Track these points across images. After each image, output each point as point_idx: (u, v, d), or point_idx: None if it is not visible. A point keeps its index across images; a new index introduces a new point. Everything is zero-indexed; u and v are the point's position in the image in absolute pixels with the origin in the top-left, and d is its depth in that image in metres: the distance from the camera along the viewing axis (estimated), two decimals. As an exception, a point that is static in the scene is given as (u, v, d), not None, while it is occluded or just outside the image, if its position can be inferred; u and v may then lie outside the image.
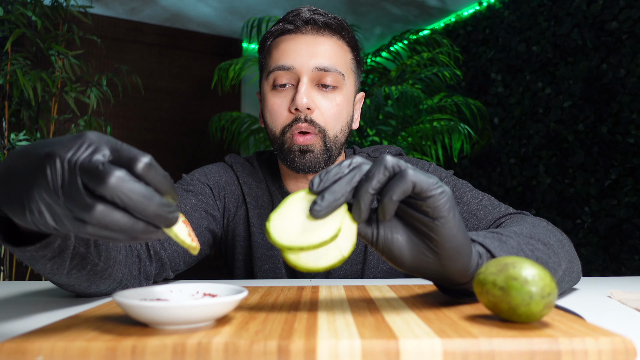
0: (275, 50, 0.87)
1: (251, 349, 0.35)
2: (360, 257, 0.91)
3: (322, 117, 0.84)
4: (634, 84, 2.42)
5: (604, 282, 0.83)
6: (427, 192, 0.42)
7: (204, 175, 0.94)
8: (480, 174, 3.26)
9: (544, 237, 0.61)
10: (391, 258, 0.46)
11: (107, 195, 0.35)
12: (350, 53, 0.89)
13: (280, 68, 0.84)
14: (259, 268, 0.91)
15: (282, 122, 0.84)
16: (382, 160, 0.43)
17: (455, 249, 0.44)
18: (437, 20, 3.57)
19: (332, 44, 0.85)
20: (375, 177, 0.42)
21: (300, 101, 0.81)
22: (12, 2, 2.04)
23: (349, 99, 0.88)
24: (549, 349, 0.35)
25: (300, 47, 0.84)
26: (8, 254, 2.07)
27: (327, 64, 0.83)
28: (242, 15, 3.47)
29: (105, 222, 0.36)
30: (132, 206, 0.36)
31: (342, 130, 0.87)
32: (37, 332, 0.39)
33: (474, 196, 0.85)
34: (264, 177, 0.95)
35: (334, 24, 0.86)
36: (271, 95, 0.86)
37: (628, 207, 2.45)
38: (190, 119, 3.74)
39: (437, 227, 0.43)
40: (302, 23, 0.85)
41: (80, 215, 0.36)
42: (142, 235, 0.37)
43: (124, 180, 0.35)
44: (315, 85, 0.84)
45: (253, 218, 0.92)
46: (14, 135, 1.97)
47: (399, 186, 0.42)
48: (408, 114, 2.42)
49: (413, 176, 0.42)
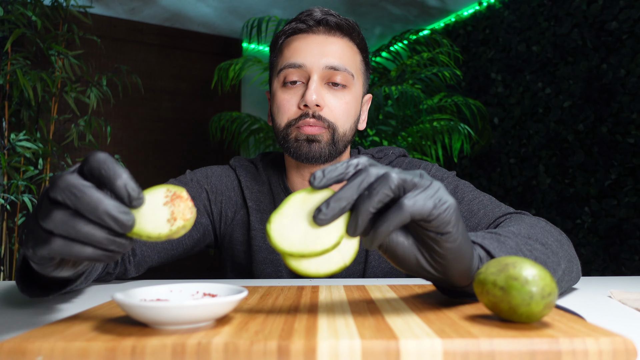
0: (286, 48, 0.88)
1: (251, 349, 0.35)
2: (362, 257, 0.91)
3: (331, 114, 0.85)
4: (634, 84, 2.42)
5: (604, 282, 0.83)
6: (427, 218, 0.41)
7: (205, 177, 0.95)
8: (480, 174, 3.26)
9: (542, 237, 0.61)
10: (394, 260, 0.45)
11: (59, 198, 0.37)
12: (360, 55, 0.91)
13: (291, 66, 0.85)
14: (260, 272, 0.92)
15: (289, 116, 0.85)
16: (388, 179, 0.40)
17: (458, 258, 0.44)
18: (437, 20, 3.57)
19: (343, 44, 0.87)
20: (378, 195, 0.40)
21: (309, 97, 0.82)
22: (12, 2, 2.04)
23: (357, 99, 0.89)
24: (550, 349, 0.35)
25: (311, 46, 0.85)
26: (8, 254, 2.07)
27: (337, 63, 0.84)
28: (242, 15, 3.47)
29: (65, 228, 0.38)
30: (81, 207, 0.37)
31: (350, 128, 0.88)
32: (37, 332, 0.39)
33: (475, 196, 0.86)
34: (268, 179, 0.96)
35: (345, 26, 0.87)
36: (281, 91, 0.87)
37: (628, 207, 2.45)
38: (190, 119, 3.74)
39: (441, 241, 0.42)
40: (314, 23, 0.86)
41: (43, 225, 0.38)
42: (107, 244, 0.38)
43: (71, 179, 0.38)
44: (325, 84, 0.85)
45: (255, 222, 0.92)
46: (14, 135, 1.97)
47: (396, 218, 0.40)
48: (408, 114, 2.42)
49: (411, 207, 0.40)
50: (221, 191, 0.95)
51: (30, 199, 1.97)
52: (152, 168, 3.58)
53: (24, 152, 1.97)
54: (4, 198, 1.98)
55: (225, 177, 0.96)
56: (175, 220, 0.40)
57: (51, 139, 2.14)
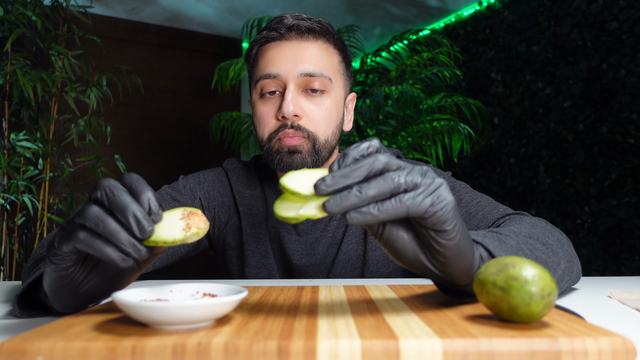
0: (261, 58, 0.87)
1: (251, 349, 0.35)
2: (360, 262, 0.91)
3: (310, 123, 0.83)
4: (634, 84, 2.42)
5: (604, 282, 0.83)
6: (424, 215, 0.41)
7: (197, 184, 0.95)
8: (480, 174, 3.26)
9: (542, 236, 0.61)
10: (393, 253, 0.45)
11: (98, 195, 0.44)
12: (338, 55, 0.89)
13: (266, 77, 0.84)
14: (253, 276, 0.92)
15: (270, 129, 0.84)
16: (386, 176, 0.40)
17: (457, 256, 0.44)
18: (437, 20, 3.57)
19: (317, 48, 0.85)
20: (374, 187, 0.40)
21: (286, 109, 0.81)
22: (12, 2, 2.04)
23: (338, 102, 0.88)
24: (549, 349, 0.35)
25: (284, 54, 0.84)
26: (8, 253, 2.07)
27: (312, 69, 0.83)
28: (242, 15, 3.47)
29: (96, 221, 0.42)
30: (114, 205, 0.43)
31: (332, 134, 0.87)
32: (37, 332, 0.39)
33: (472, 197, 0.86)
34: (261, 183, 0.95)
35: (317, 28, 0.85)
36: (259, 103, 0.86)
37: (628, 207, 2.45)
38: (190, 119, 3.74)
39: (439, 238, 0.43)
40: (285, 30, 0.85)
41: (77, 220, 0.43)
42: (127, 245, 0.42)
43: (112, 181, 0.44)
44: (302, 91, 0.84)
45: (246, 227, 0.92)
46: (14, 135, 1.97)
47: (391, 209, 0.40)
48: (408, 114, 2.42)
49: (408, 203, 0.40)
50: (214, 197, 0.95)
51: (30, 199, 1.97)
52: (152, 168, 3.58)
53: (24, 152, 1.97)
54: (4, 198, 1.98)
55: (218, 182, 0.96)
56: (190, 229, 0.44)
57: (51, 139, 2.14)
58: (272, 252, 0.92)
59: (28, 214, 2.12)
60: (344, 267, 0.90)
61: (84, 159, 2.22)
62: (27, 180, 2.04)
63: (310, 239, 0.91)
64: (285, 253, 0.92)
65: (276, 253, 0.93)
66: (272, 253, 0.92)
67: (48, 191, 2.18)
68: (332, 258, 0.91)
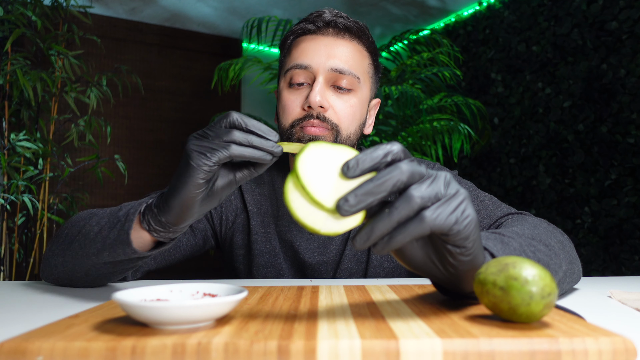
0: (294, 49, 0.88)
1: (251, 349, 0.35)
2: (365, 257, 0.91)
3: (335, 116, 0.84)
4: (634, 84, 2.42)
5: (604, 282, 0.83)
6: (448, 232, 0.40)
7: None
8: (480, 174, 3.26)
9: (545, 238, 0.61)
10: (401, 257, 0.44)
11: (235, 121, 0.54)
12: (369, 58, 0.90)
13: (297, 67, 0.84)
14: (261, 276, 0.92)
15: (294, 117, 0.84)
16: (411, 198, 0.39)
17: (469, 270, 0.44)
18: (437, 20, 3.57)
19: (351, 47, 0.86)
20: (398, 215, 0.39)
21: (313, 99, 0.81)
22: (12, 2, 2.04)
23: (363, 103, 0.88)
24: (549, 349, 0.35)
25: (319, 47, 0.85)
26: (8, 253, 2.07)
27: (343, 66, 0.83)
28: (242, 15, 3.47)
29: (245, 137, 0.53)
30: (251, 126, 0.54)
31: (355, 132, 0.87)
32: (37, 332, 0.39)
33: (476, 196, 0.86)
34: (271, 180, 0.95)
35: (355, 28, 0.87)
36: (287, 92, 0.86)
37: (628, 207, 2.45)
38: (190, 119, 3.74)
39: (456, 254, 0.42)
40: (323, 24, 0.86)
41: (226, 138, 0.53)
42: (273, 147, 0.54)
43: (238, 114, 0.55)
44: (330, 86, 0.85)
45: (255, 226, 0.92)
46: (14, 135, 1.97)
47: (415, 230, 0.39)
48: (408, 114, 2.42)
49: (432, 222, 0.39)
50: None
51: (30, 199, 1.97)
52: (152, 168, 3.58)
53: (24, 152, 1.97)
54: (4, 198, 1.98)
55: None
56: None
57: (51, 139, 2.14)
58: (282, 251, 0.92)
59: (28, 214, 2.12)
60: (351, 262, 0.90)
61: (84, 159, 2.22)
62: (27, 180, 2.04)
63: (324, 237, 0.91)
64: (296, 252, 0.91)
65: (286, 252, 0.92)
66: (282, 252, 0.92)
67: (48, 191, 2.18)
68: (341, 254, 0.91)
